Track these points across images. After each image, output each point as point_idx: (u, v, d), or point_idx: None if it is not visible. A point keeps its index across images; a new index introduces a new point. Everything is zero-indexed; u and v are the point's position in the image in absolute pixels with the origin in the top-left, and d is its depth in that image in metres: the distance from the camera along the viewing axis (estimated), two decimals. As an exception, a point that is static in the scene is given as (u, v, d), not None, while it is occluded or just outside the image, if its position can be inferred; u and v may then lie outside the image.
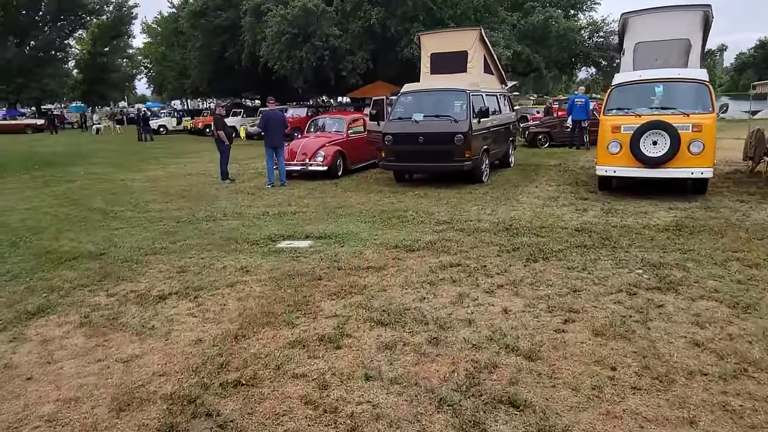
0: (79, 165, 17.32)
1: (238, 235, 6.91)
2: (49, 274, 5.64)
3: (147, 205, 9.59)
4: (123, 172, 14.87)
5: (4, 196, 11.33)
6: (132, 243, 6.77)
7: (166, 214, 8.63)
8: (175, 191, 11.04)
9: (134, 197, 10.48)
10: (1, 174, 15.59)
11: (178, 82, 38.71)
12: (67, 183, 13.02)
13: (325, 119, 13.34)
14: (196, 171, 14.54)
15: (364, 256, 5.80)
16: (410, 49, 22.03)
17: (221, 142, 11.75)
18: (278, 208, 8.82)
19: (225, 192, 10.72)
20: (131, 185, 12.24)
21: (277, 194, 10.23)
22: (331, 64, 23.20)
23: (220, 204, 9.37)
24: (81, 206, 9.72)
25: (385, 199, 9.21)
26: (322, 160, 11.51)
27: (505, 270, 5.20)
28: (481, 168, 10.33)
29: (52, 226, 8.11)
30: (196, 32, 30.48)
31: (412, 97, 10.55)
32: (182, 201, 9.86)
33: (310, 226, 7.36)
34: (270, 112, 11.11)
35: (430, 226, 7.09)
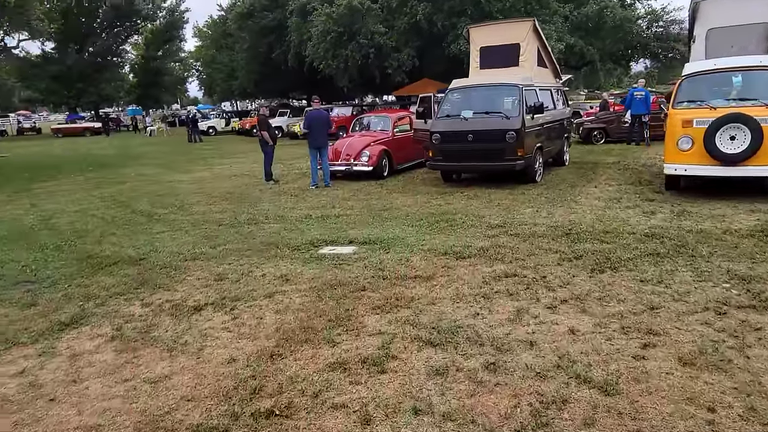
0: (130, 166, 17.66)
1: (279, 240, 6.63)
2: (88, 280, 5.50)
3: (191, 207, 9.50)
4: (171, 174, 15.00)
5: (56, 198, 11.53)
6: (172, 248, 6.60)
7: (209, 217, 8.47)
8: (219, 193, 10.94)
9: (179, 199, 10.43)
10: (57, 175, 16.07)
11: (227, 83, 39.39)
12: (117, 185, 13.20)
13: (371, 118, 12.99)
14: (241, 172, 14.48)
15: (410, 264, 5.38)
16: (457, 44, 21.46)
17: (265, 143, 11.59)
18: (321, 210, 8.52)
19: (268, 193, 10.53)
20: (177, 187, 12.26)
21: (320, 196, 9.95)
22: (376, 62, 22.89)
23: (262, 206, 9.16)
24: (127, 208, 9.73)
25: (433, 201, 8.76)
26: (367, 160, 11.17)
27: (567, 282, 4.67)
28: (534, 167, 9.72)
29: (97, 229, 8.08)
30: (243, 33, 30.85)
31: (461, 94, 10.04)
32: (225, 203, 9.71)
33: (353, 230, 7.00)
34: (314, 112, 10.85)
35: (482, 231, 6.60)
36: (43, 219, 9.17)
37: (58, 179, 15.08)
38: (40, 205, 10.78)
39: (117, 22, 48.01)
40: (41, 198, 11.68)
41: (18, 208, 10.47)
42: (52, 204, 10.72)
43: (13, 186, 14.03)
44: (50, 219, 9.12)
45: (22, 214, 9.74)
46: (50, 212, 9.78)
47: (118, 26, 49.01)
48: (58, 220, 8.96)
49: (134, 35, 52.49)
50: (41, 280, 5.60)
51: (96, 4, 46.49)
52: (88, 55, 46.74)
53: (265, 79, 33.26)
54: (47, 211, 9.89)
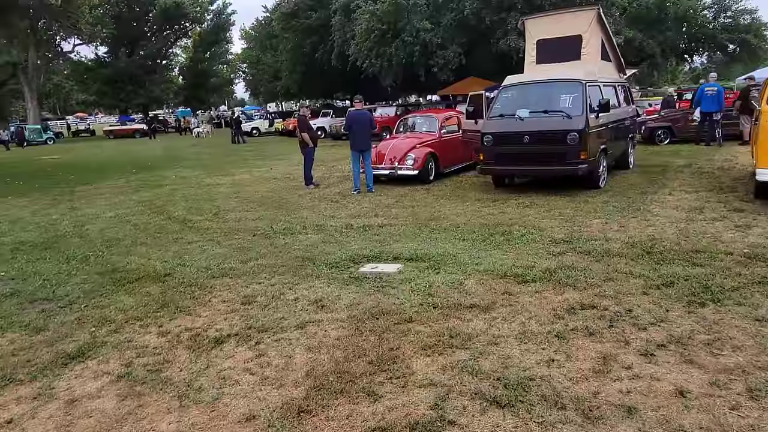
0: (172, 168, 17.53)
1: (317, 255, 5.99)
2: (107, 299, 5.00)
3: (226, 213, 9.01)
4: (211, 176, 14.70)
5: (95, 202, 11.32)
6: (201, 261, 6.06)
7: (243, 225, 7.94)
8: (256, 198, 10.45)
9: (216, 204, 9.99)
10: (100, 178, 16.06)
11: (271, 84, 39.45)
12: (156, 188, 12.94)
13: (416, 118, 12.24)
14: (282, 174, 14.02)
15: (465, 288, 4.62)
16: (506, 40, 20.46)
17: (305, 145, 11.04)
18: (363, 219, 7.85)
19: (308, 199, 9.96)
20: (215, 190, 11.86)
21: (362, 202, 9.29)
22: (421, 60, 22.13)
23: (300, 213, 8.57)
24: (162, 214, 9.34)
25: (485, 210, 7.95)
26: (413, 163, 10.44)
27: (661, 318, 3.82)
28: (598, 171, 8.77)
29: (128, 237, 7.68)
30: (287, 34, 30.67)
31: (516, 91, 9.18)
32: (262, 209, 9.19)
33: (398, 243, 6.29)
34: (356, 113, 10.20)
35: (545, 247, 5.77)
36: (77, 225, 8.87)
37: (100, 182, 15.01)
38: (78, 209, 10.57)
39: (166, 25, 49.02)
40: (81, 202, 11.50)
41: (58, 212, 10.27)
42: (90, 208, 10.48)
43: (59, 189, 14.02)
44: (84, 225, 8.81)
45: (58, 219, 9.50)
46: (86, 217, 9.50)
47: (167, 29, 50.04)
48: (91, 227, 8.63)
49: (182, 38, 53.53)
50: (59, 298, 5.14)
51: (146, 9, 47.61)
52: (138, 58, 47.88)
53: (308, 80, 33.01)
54: (84, 216, 9.62)
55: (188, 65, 55.00)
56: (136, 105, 51.17)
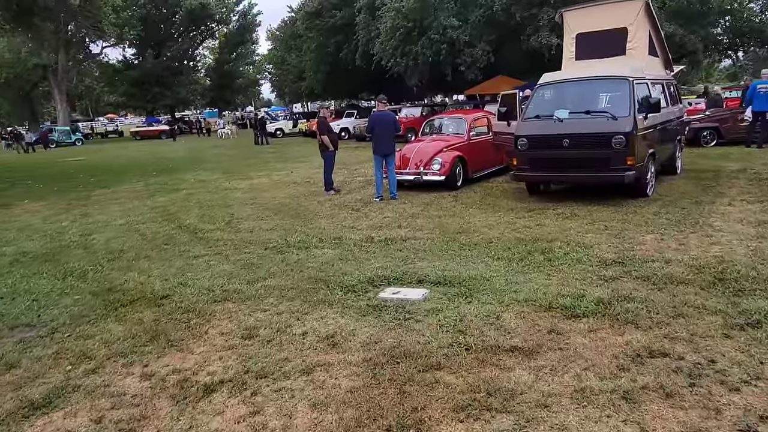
0: (192, 171, 17.15)
1: (332, 275, 5.32)
2: (94, 327, 4.43)
3: (239, 222, 8.43)
4: (229, 180, 14.20)
5: (109, 207, 10.90)
6: (204, 280, 5.46)
7: (256, 237, 7.34)
8: (273, 204, 9.87)
9: (230, 211, 9.43)
10: (119, 181, 15.76)
11: (296, 85, 39.09)
12: (172, 192, 12.49)
13: (443, 120, 11.48)
14: (302, 178, 13.43)
15: (503, 324, 3.90)
16: (537, 37, 19.55)
17: (325, 148, 10.41)
18: (385, 231, 7.16)
19: (327, 206, 9.32)
20: (232, 195, 11.33)
21: (385, 210, 8.61)
22: (448, 59, 21.35)
23: (318, 223, 7.94)
24: (173, 223, 8.82)
25: (520, 221, 7.18)
26: (439, 168, 9.71)
27: (756, 374, 3.04)
28: (646, 178, 7.92)
29: (132, 249, 7.15)
30: (311, 33, 30.21)
31: (554, 90, 8.38)
32: (278, 218, 8.58)
33: (424, 261, 5.59)
34: (379, 114, 9.51)
35: (593, 269, 4.99)
36: (84, 233, 8.41)
37: (119, 186, 14.68)
38: (90, 215, 10.15)
39: (192, 26, 49.17)
40: (95, 207, 11.11)
41: (69, 219, 9.87)
42: (102, 215, 10.05)
43: (76, 193, 13.72)
44: (91, 234, 8.34)
45: (67, 227, 9.06)
46: (95, 225, 9.05)
47: (192, 31, 50.22)
48: (98, 236, 8.15)
49: (208, 39, 53.68)
50: (42, 324, 4.59)
51: (173, 10, 47.81)
52: (164, 59, 48.10)
53: (332, 80, 32.50)
54: (93, 224, 9.18)
55: (214, 66, 55.11)
56: (162, 106, 51.49)
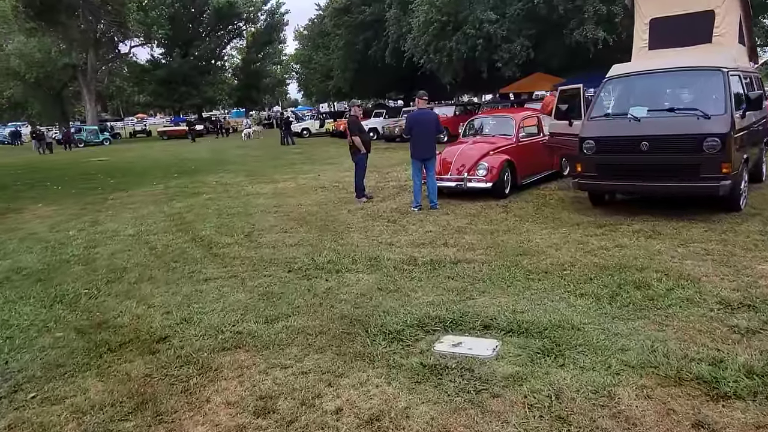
0: (214, 173, 16.32)
1: (370, 313, 4.23)
2: (67, 385, 3.44)
3: (260, 235, 7.42)
4: (253, 183, 13.27)
5: (122, 214, 10.05)
6: (213, 315, 4.43)
7: (279, 255, 6.31)
8: (299, 213, 8.85)
9: (251, 221, 8.44)
10: (139, 183, 15.01)
11: (323, 84, 38.24)
12: (192, 197, 11.60)
13: (487, 119, 10.27)
14: (330, 182, 12.41)
15: (621, 408, 2.75)
16: (582, 31, 18.15)
17: (356, 150, 9.34)
18: (429, 249, 6.06)
19: (359, 217, 8.25)
20: (254, 202, 10.35)
21: (426, 223, 7.49)
22: (484, 55, 20.07)
23: (350, 238, 6.87)
24: (187, 234, 7.86)
25: (592, 240, 5.98)
26: (485, 173, 8.55)
27: None
28: (740, 188, 6.64)
29: (137, 267, 6.19)
30: (339, 30, 29.25)
31: (626, 84, 7.15)
32: (303, 230, 7.55)
33: (485, 296, 4.46)
34: (419, 113, 8.37)
35: (717, 315, 3.79)
36: (89, 246, 7.51)
37: (137, 188, 13.92)
38: (101, 223, 9.30)
39: (219, 25, 48.82)
40: (108, 213, 10.27)
41: (77, 227, 9.03)
42: (113, 223, 9.19)
43: (93, 196, 12.98)
44: (96, 247, 7.44)
45: (73, 237, 8.20)
46: (103, 235, 8.17)
47: (220, 30, 49.88)
48: (103, 250, 7.24)
49: (236, 38, 53.36)
50: (7, 376, 3.62)
51: (201, 9, 47.52)
52: (192, 59, 47.83)
53: (360, 78, 31.51)
54: (101, 234, 8.30)
55: (241, 66, 54.75)
56: (189, 106, 51.28)
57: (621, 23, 15.14)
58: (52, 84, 47.35)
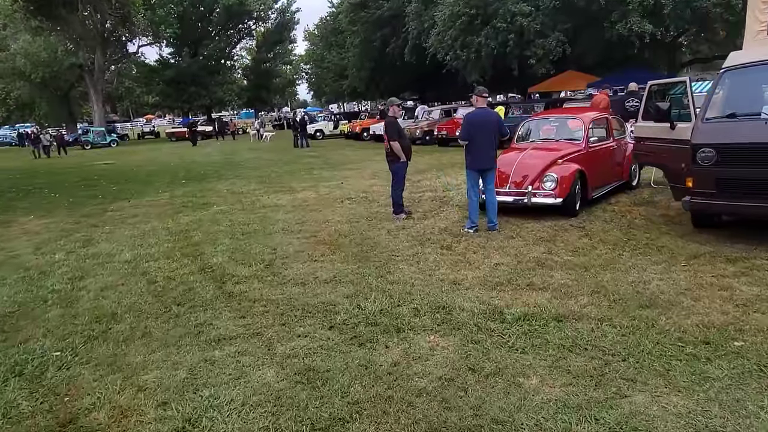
0: (225, 179, 14.93)
1: (473, 424, 2.75)
2: None
3: (285, 265, 5.97)
4: (269, 192, 11.85)
5: (120, 230, 8.66)
6: (233, 420, 2.97)
7: (312, 297, 4.85)
8: (328, 233, 7.39)
9: (271, 243, 7.00)
10: (143, 191, 13.65)
11: (336, 83, 36.81)
12: (200, 209, 10.18)
13: (547, 121, 8.70)
14: (357, 192, 10.96)
15: None
16: (626, 23, 16.58)
17: (395, 159, 7.87)
18: (513, 295, 4.57)
19: (402, 240, 6.78)
20: (272, 217, 8.91)
21: (490, 250, 6.01)
22: (515, 51, 18.56)
23: (400, 273, 5.39)
24: (196, 261, 6.43)
25: (734, 283, 4.45)
26: (554, 186, 7.05)
27: None
28: None
29: (128, 314, 4.77)
30: (355, 27, 27.82)
31: (755, 75, 5.61)
32: (338, 258, 6.09)
33: (640, 391, 2.96)
34: (478, 114, 6.80)
35: None
36: (74, 277, 6.11)
37: (141, 197, 12.54)
38: (94, 243, 7.91)
39: (229, 23, 47.59)
40: (105, 229, 8.89)
41: (66, 247, 7.66)
42: (108, 243, 7.79)
43: (91, 206, 11.62)
44: (84, 278, 6.03)
45: (58, 264, 6.81)
46: (94, 261, 6.77)
47: (230, 29, 48.64)
48: (91, 282, 5.84)
49: (246, 38, 52.15)
50: None
51: (210, 7, 46.30)
52: (201, 59, 46.65)
53: (376, 77, 30.07)
54: (92, 258, 6.90)
55: (252, 66, 53.52)
56: (198, 106, 50.09)
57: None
58: (59, 84, 46.31)
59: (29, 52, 39.56)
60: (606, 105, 11.86)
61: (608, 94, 12.85)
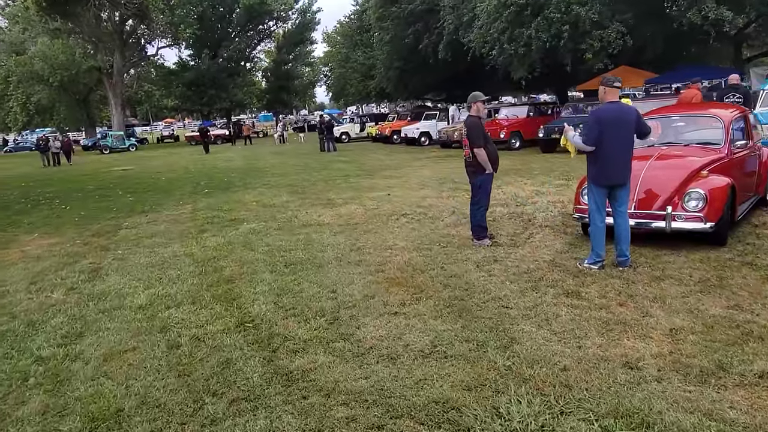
0: (252, 187, 13.39)
1: None
2: None
3: (355, 318, 4.33)
4: (305, 205, 10.24)
5: (133, 257, 7.11)
6: None
7: (410, 382, 3.20)
8: (398, 266, 5.72)
9: (327, 282, 5.35)
10: (162, 201, 12.18)
11: (362, 84, 35.19)
12: (227, 227, 8.61)
13: (671, 120, 6.83)
14: (410, 206, 9.29)
15: None
16: (700, 10, 14.66)
17: (479, 169, 6.17)
18: (742, 391, 2.85)
19: (501, 278, 5.08)
20: (318, 239, 7.26)
21: (642, 300, 4.29)
22: (569, 44, 16.72)
23: (529, 341, 3.69)
24: (230, 309, 4.82)
25: None
26: (702, 206, 5.29)
27: None
28: None
29: (139, 413, 3.17)
30: (385, 23, 26.15)
31: None
32: (425, 309, 4.41)
33: None
34: (611, 110, 4.97)
35: None
36: (70, 334, 4.55)
37: (159, 209, 11.06)
38: (102, 274, 6.38)
39: (249, 24, 46.34)
40: (116, 254, 7.36)
41: (68, 281, 6.17)
42: (119, 275, 6.24)
43: (104, 221, 10.17)
44: (82, 336, 4.46)
45: (53, 309, 5.26)
46: (98, 306, 5.21)
47: (250, 29, 47.40)
48: (89, 345, 4.26)
49: (266, 39, 50.88)
50: None
51: (230, 8, 45.09)
52: (221, 60, 45.47)
53: (406, 77, 28.38)
54: (96, 301, 5.35)
55: (272, 67, 52.22)
56: (218, 109, 48.89)
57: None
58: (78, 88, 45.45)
59: (47, 55, 38.65)
60: (699, 101, 10.11)
61: (699, 88, 11.03)
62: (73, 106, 48.05)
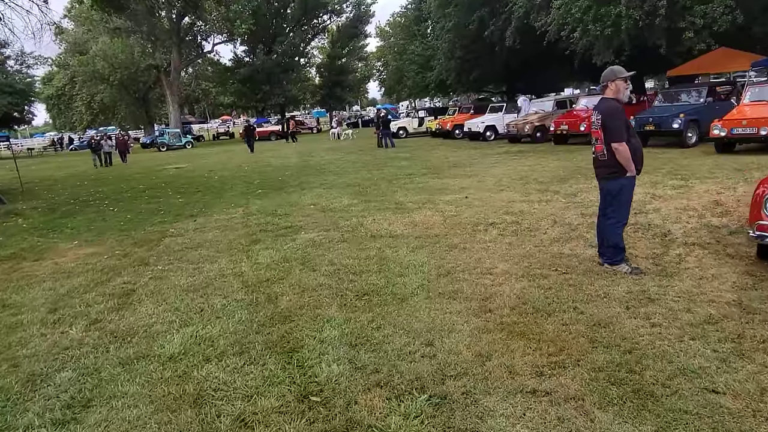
0: (309, 188, 12.18)
1: None
2: None
3: (471, 396, 2.85)
4: (371, 209, 8.86)
5: (174, 275, 5.93)
6: None
7: None
8: (508, 302, 4.21)
9: (417, 325, 3.92)
10: (213, 202, 11.17)
11: (419, 76, 33.59)
12: (282, 237, 7.35)
13: None
14: (496, 212, 7.74)
15: None
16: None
17: (618, 171, 4.59)
18: None
19: (677, 333, 3.49)
20: (395, 259, 5.83)
21: None
22: (664, 23, 14.59)
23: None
24: (288, 366, 3.48)
25: None
26: None
27: None
28: None
29: None
30: (448, 9, 24.47)
31: None
32: (577, 386, 2.88)
33: None
34: None
35: None
36: (74, 402, 3.33)
37: (209, 212, 10.01)
38: (135, 299, 5.22)
39: (304, 19, 45.60)
40: (156, 269, 6.24)
41: (96, 306, 5.06)
42: (154, 303, 5.05)
43: (150, 226, 9.20)
44: (87, 407, 3.22)
45: (69, 349, 4.11)
46: (119, 354, 4.00)
47: (305, 24, 46.68)
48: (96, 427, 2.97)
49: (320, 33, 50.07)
50: None
51: (285, 2, 44.48)
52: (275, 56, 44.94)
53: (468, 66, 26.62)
54: (119, 345, 4.15)
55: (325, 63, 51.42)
56: (272, 105, 48.51)
57: None
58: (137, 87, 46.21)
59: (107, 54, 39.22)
60: None
61: None
62: (133, 104, 48.98)
